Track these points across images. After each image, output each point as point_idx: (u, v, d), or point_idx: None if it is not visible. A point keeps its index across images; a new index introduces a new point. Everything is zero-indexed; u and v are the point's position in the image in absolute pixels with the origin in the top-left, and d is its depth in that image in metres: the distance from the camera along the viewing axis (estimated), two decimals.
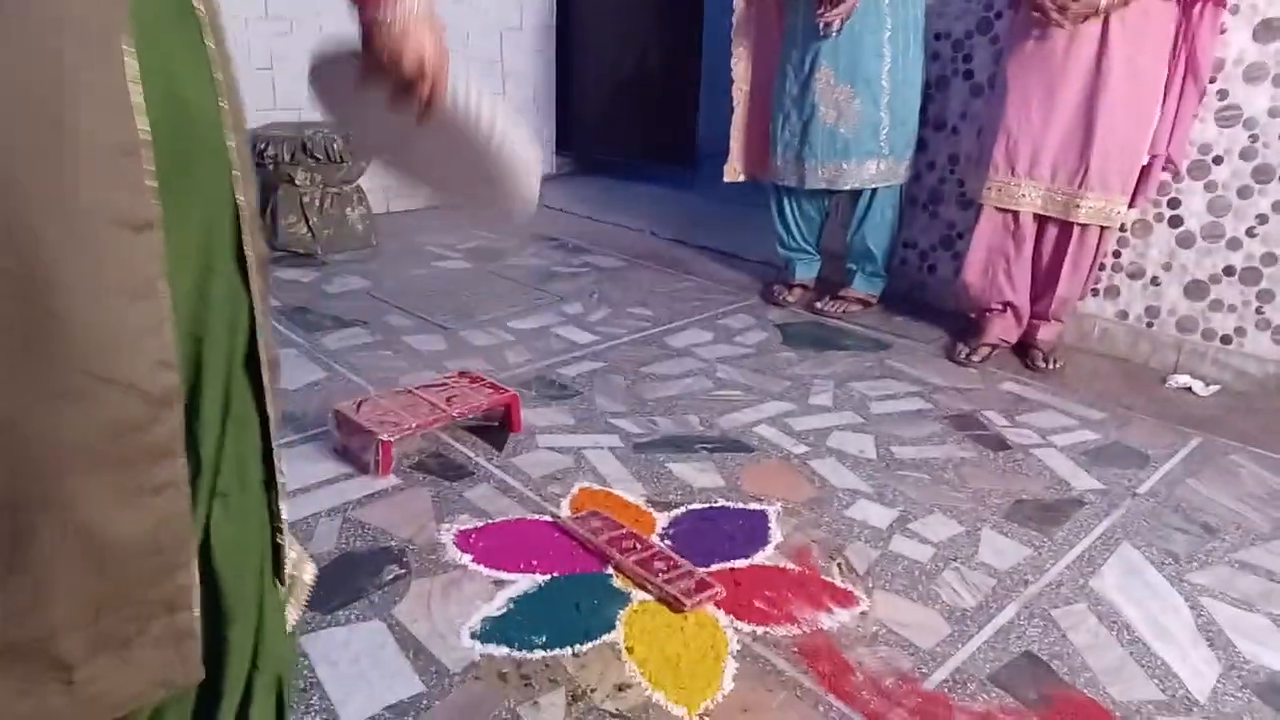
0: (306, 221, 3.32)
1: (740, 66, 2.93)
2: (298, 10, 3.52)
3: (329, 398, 2.10)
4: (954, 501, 1.79)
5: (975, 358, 2.52)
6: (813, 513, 1.73)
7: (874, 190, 2.77)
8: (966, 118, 2.83)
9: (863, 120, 2.65)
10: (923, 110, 2.78)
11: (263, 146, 3.22)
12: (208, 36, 0.62)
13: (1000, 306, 2.52)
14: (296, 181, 3.29)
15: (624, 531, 1.62)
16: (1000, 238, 2.47)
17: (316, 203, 3.33)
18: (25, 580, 0.52)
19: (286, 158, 3.22)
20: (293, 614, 0.80)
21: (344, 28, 0.78)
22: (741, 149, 3.01)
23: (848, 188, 2.76)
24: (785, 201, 2.92)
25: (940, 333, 2.75)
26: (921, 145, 2.90)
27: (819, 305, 2.91)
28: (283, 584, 0.76)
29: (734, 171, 3.02)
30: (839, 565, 1.57)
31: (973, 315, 2.63)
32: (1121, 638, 1.41)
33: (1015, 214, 2.42)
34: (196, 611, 0.61)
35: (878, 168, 2.72)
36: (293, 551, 0.80)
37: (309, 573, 0.87)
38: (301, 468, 1.81)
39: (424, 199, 1.24)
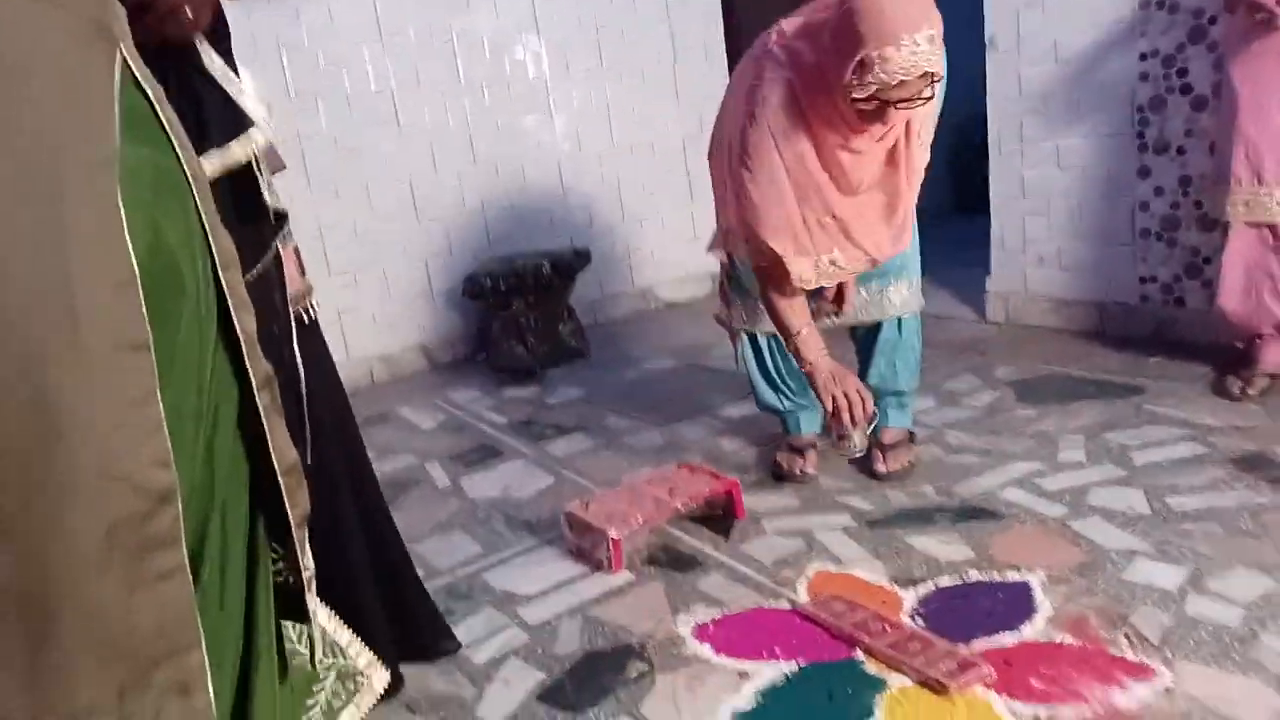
0: (524, 342, 3.54)
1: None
2: (502, 157, 3.87)
3: (559, 501, 2.16)
4: (1258, 554, 1.54)
5: (1252, 390, 2.21)
6: (1084, 579, 1.55)
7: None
8: (1193, 135, 2.58)
9: None
10: (1139, 135, 2.56)
11: (482, 280, 3.50)
12: (194, 198, 0.70)
13: (1272, 330, 2.21)
14: (512, 307, 3.54)
15: (870, 613, 1.52)
16: (1258, 254, 2.19)
17: (530, 323, 3.56)
18: (52, 665, 0.57)
19: (502, 288, 3.49)
20: (351, 716, 0.81)
21: (544, 172, 0.76)
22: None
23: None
24: (761, 345, 2.11)
25: (1204, 368, 2.44)
26: (1145, 172, 2.67)
27: (880, 470, 2.06)
28: (312, 665, 0.77)
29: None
30: (1126, 635, 1.38)
31: (1240, 345, 2.32)
32: None
33: (1271, 227, 2.15)
34: (210, 695, 0.64)
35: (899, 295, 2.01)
36: (352, 650, 0.81)
37: (379, 680, 0.90)
38: (540, 571, 1.86)
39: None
